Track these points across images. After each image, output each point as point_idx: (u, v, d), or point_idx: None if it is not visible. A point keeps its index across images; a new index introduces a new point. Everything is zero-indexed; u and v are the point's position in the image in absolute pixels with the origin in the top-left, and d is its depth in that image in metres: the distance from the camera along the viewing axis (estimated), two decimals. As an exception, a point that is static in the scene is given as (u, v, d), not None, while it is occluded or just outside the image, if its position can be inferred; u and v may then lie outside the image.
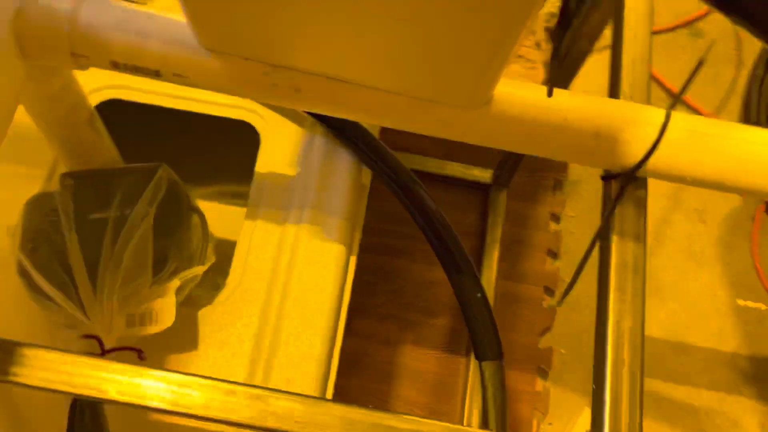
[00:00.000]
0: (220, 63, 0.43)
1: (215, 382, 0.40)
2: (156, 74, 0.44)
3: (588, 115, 0.43)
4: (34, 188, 0.65)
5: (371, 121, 0.45)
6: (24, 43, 0.43)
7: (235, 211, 0.84)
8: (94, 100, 0.65)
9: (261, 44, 0.41)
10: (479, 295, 0.62)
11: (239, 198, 0.86)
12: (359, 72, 0.41)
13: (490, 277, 0.95)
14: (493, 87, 0.41)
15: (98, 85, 0.66)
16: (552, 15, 1.15)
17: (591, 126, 0.42)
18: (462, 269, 0.62)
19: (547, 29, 1.18)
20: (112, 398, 0.39)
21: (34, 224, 0.55)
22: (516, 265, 0.98)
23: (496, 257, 0.96)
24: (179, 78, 0.44)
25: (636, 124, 0.42)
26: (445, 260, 0.63)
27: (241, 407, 0.40)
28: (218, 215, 0.88)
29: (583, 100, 0.43)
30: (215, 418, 0.39)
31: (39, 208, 0.56)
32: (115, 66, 0.44)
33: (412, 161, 1.00)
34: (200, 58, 0.43)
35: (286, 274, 0.60)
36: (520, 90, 0.43)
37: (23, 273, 0.53)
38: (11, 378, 0.37)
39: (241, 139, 0.70)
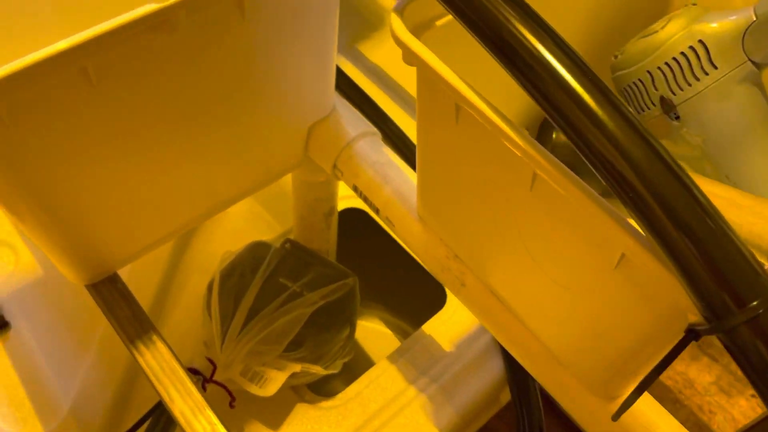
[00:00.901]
0: (421, 230, 0.50)
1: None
2: (376, 211, 0.53)
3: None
4: (269, 235, 0.79)
5: (503, 344, 0.48)
6: (315, 141, 0.55)
7: (392, 342, 0.89)
8: (347, 203, 0.77)
9: (452, 240, 0.47)
10: None
11: (402, 336, 0.91)
12: (510, 302, 0.45)
13: None
14: (623, 389, 0.41)
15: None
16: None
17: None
18: None
19: None
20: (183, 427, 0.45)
21: (242, 259, 0.67)
22: None
23: None
24: (388, 222, 0.52)
25: None
26: None
27: None
28: (381, 337, 0.94)
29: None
30: None
31: (254, 251, 0.68)
32: (355, 189, 0.54)
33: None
34: (410, 218, 0.50)
35: (378, 426, 0.62)
36: (652, 410, 0.42)
37: (209, 288, 0.65)
38: (130, 346, 0.46)
39: (435, 293, 0.75)
